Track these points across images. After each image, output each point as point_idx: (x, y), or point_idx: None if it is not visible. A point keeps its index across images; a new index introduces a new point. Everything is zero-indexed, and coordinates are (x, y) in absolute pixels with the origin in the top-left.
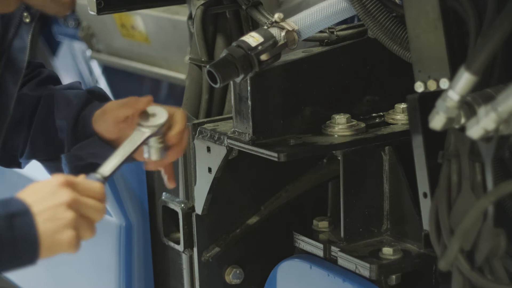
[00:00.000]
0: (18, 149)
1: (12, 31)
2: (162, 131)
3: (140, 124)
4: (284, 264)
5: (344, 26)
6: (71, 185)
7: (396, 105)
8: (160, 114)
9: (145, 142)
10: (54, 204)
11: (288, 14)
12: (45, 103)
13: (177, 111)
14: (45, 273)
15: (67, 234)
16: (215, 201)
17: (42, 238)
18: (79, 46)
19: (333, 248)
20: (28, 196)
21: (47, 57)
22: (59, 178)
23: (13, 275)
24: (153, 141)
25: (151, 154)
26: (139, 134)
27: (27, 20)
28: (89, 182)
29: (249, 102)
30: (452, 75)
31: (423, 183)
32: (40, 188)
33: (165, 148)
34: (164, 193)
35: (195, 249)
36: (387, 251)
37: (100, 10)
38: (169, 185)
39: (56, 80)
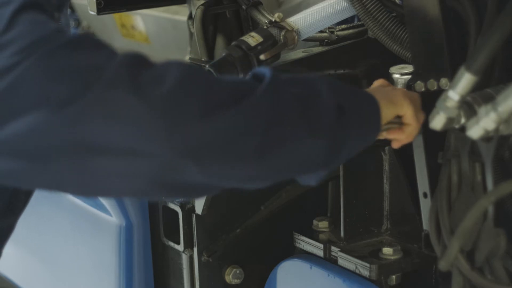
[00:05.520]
0: None
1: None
2: None
3: None
4: (284, 264)
5: (344, 26)
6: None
7: None
8: None
9: None
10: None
11: (288, 14)
12: None
13: None
14: (45, 273)
15: (397, 90)
16: (215, 201)
17: (375, 93)
18: None
19: (333, 248)
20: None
21: None
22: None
23: (13, 275)
24: None
25: None
26: None
27: None
28: None
29: None
30: (452, 75)
31: (423, 183)
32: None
33: None
34: None
35: (195, 249)
36: (387, 251)
37: (100, 10)
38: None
39: None
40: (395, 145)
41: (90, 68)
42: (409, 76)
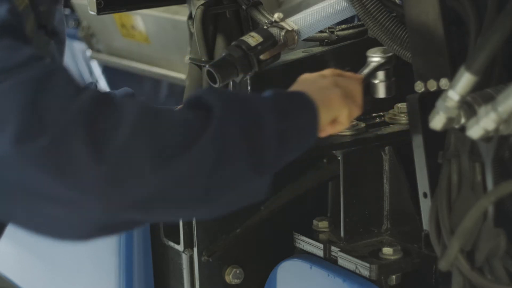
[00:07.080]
0: None
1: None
2: None
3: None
4: (284, 264)
5: (344, 26)
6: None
7: (396, 105)
8: None
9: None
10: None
11: (288, 14)
12: None
13: None
14: (45, 273)
15: (334, 91)
16: None
17: (314, 94)
18: (79, 46)
19: (333, 248)
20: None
21: None
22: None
23: (12, 275)
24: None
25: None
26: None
27: None
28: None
29: None
30: (452, 75)
31: (423, 183)
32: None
33: None
34: None
35: (195, 249)
36: (387, 251)
37: (100, 10)
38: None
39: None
40: (321, 134)
41: (51, 108)
42: (380, 60)
